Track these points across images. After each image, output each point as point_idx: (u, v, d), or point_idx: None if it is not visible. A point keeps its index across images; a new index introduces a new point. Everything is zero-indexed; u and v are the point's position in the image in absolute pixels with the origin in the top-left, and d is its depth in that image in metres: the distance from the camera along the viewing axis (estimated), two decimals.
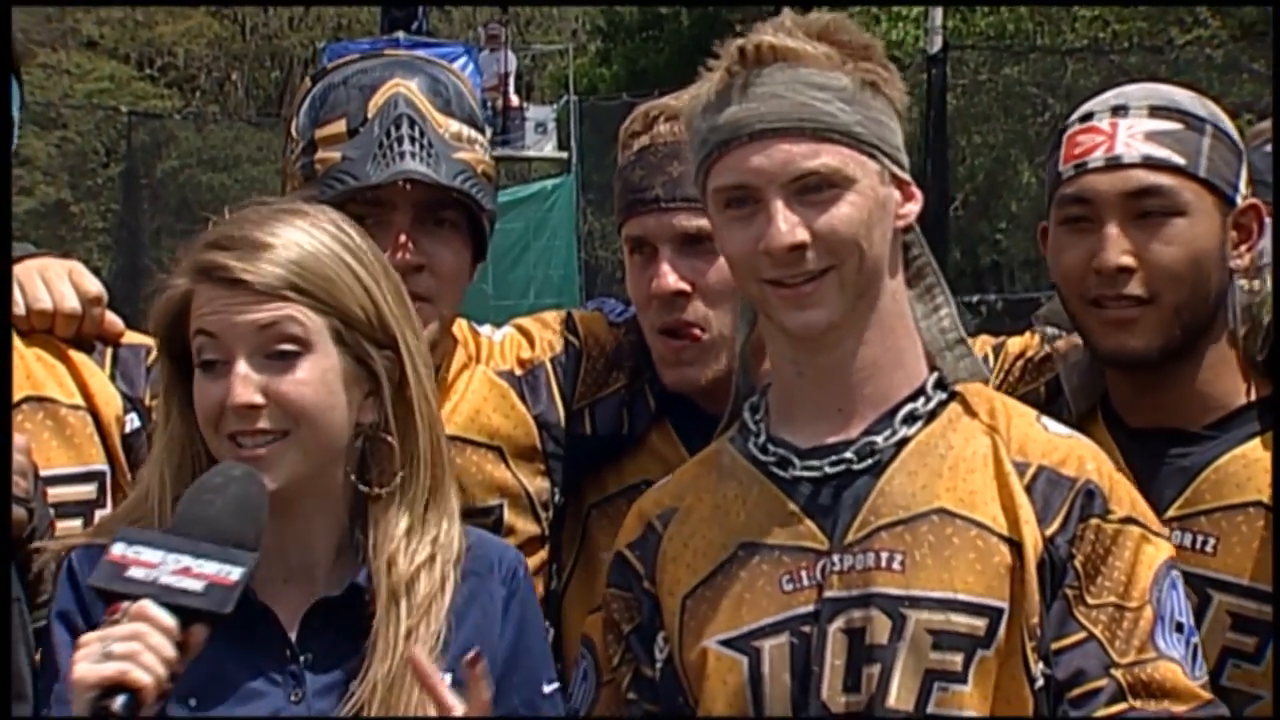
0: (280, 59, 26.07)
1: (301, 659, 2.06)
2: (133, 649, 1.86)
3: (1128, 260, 2.37)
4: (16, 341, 2.42)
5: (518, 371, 2.63)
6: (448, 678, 2.01)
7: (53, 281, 2.47)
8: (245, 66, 25.73)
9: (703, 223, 2.54)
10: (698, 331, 2.54)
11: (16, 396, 2.40)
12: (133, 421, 2.45)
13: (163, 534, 1.96)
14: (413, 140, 2.45)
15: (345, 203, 2.41)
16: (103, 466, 2.42)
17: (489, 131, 2.63)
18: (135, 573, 1.92)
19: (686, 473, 2.30)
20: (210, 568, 1.93)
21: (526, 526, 2.57)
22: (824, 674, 2.08)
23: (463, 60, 17.20)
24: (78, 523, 2.37)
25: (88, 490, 2.40)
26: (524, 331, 2.69)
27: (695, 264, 2.55)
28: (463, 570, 2.10)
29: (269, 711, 2.04)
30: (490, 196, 2.52)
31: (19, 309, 2.44)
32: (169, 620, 1.89)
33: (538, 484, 2.59)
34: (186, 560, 1.93)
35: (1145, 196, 2.37)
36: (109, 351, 2.49)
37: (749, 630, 2.12)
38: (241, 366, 2.04)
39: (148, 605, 1.89)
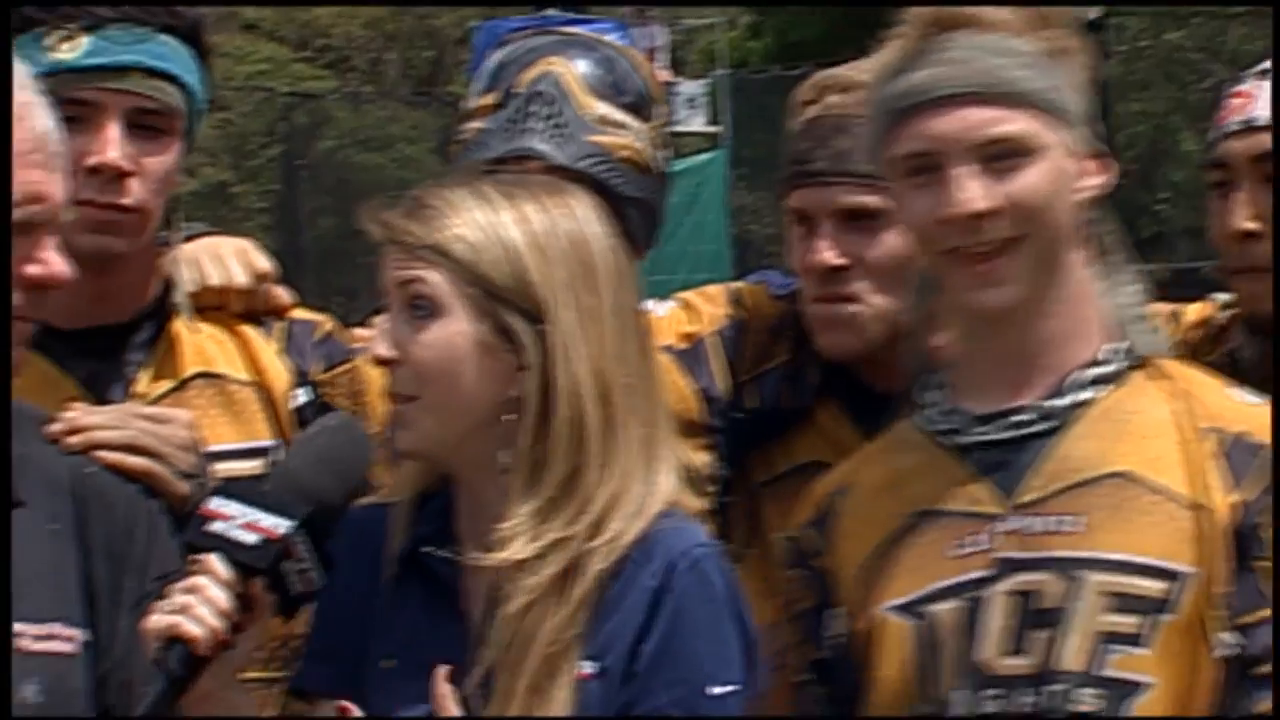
0: (434, 38, 26.29)
1: (480, 630, 2.08)
2: (187, 602, 1.92)
3: (1251, 225, 2.34)
4: (194, 320, 2.46)
5: (680, 345, 2.62)
6: (588, 666, 2.01)
7: (224, 258, 2.51)
8: (400, 46, 26.00)
9: (865, 199, 2.51)
10: (853, 304, 2.51)
11: (189, 372, 2.45)
12: (300, 396, 2.48)
13: (250, 486, 2.00)
14: (544, 119, 2.45)
15: None
16: (271, 442, 2.45)
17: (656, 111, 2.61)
18: (213, 525, 1.96)
19: (861, 452, 2.28)
20: (268, 521, 1.96)
21: (689, 502, 2.55)
22: (988, 636, 2.05)
23: (613, 36, 17.18)
24: None
25: (255, 465, 2.43)
26: (687, 305, 2.68)
27: (856, 239, 2.53)
28: (625, 559, 2.06)
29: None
30: (633, 183, 2.50)
31: (192, 286, 2.47)
32: (226, 573, 1.93)
33: (701, 458, 2.57)
34: (254, 513, 1.96)
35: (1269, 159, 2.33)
36: (279, 326, 2.53)
37: (921, 595, 2.10)
38: (385, 322, 2.08)
39: (211, 558, 1.94)
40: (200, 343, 2.46)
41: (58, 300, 2.19)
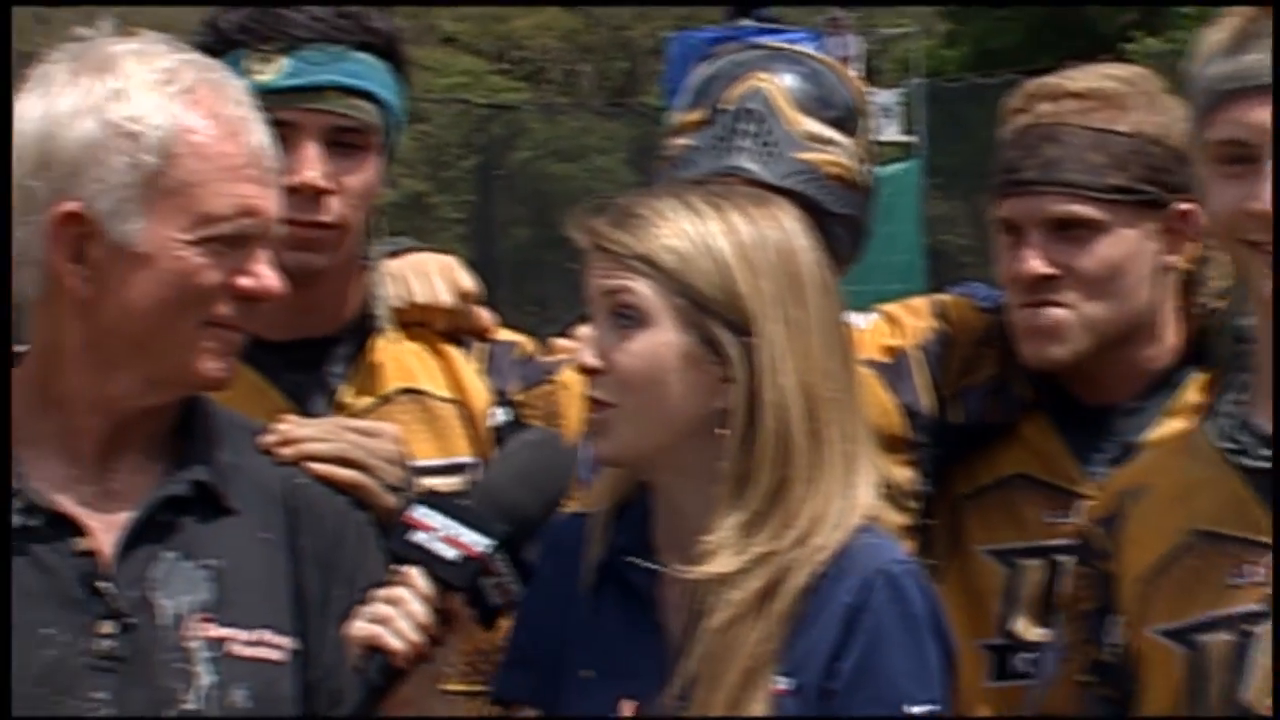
0: (628, 49, 26.46)
1: (679, 641, 2.07)
2: (388, 613, 1.94)
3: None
4: (397, 336, 2.48)
5: (882, 359, 2.59)
6: (783, 682, 1.99)
7: (430, 276, 2.53)
8: (594, 57, 26.20)
9: (1075, 208, 2.45)
10: (1059, 310, 2.47)
11: (392, 387, 2.47)
12: (498, 415, 2.50)
13: (454, 500, 2.01)
14: (753, 136, 2.44)
15: None
16: (470, 459, 2.46)
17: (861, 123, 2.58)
18: (416, 536, 1.99)
19: (1162, 449, 2.22)
20: (469, 537, 1.97)
21: (891, 517, 2.51)
22: (1250, 674, 1.99)
23: (809, 47, 17.08)
24: None
25: (454, 482, 2.44)
26: (890, 318, 2.64)
27: (1065, 249, 2.48)
28: (824, 574, 2.04)
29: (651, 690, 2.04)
30: (840, 200, 2.48)
31: (397, 302, 2.50)
32: (426, 587, 1.95)
33: (903, 473, 2.54)
34: (456, 527, 1.98)
35: None
36: (480, 347, 2.54)
37: (1193, 623, 2.04)
38: (590, 329, 2.08)
39: (412, 571, 1.96)
40: (403, 358, 2.49)
41: (265, 312, 2.24)
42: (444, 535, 1.98)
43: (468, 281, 2.55)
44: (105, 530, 1.99)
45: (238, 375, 2.29)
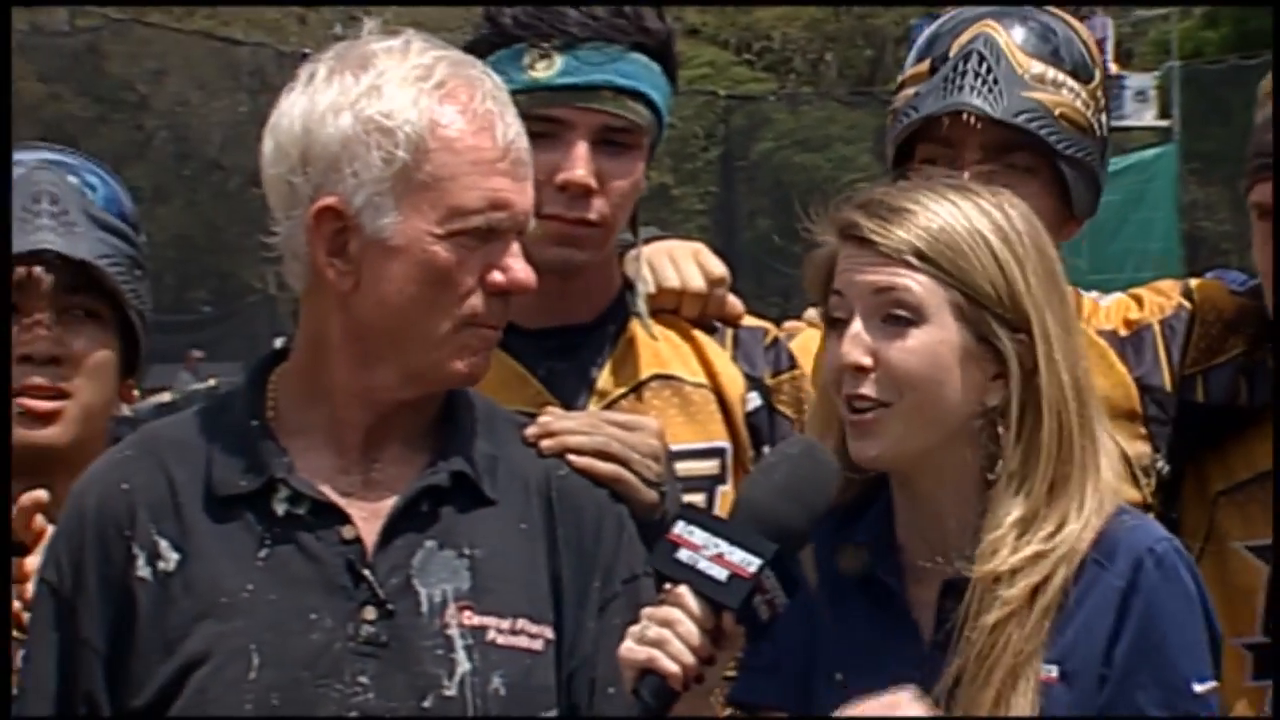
0: (873, 38, 26.25)
1: (932, 641, 2.04)
2: (662, 636, 1.92)
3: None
4: (651, 323, 2.49)
5: (1122, 332, 2.54)
6: (1052, 670, 1.96)
7: (680, 262, 2.54)
8: (838, 46, 26.05)
9: None
10: None
11: (646, 374, 2.48)
12: (754, 400, 2.49)
13: (713, 516, 1.99)
14: (976, 75, 2.40)
15: (917, 146, 2.40)
16: (725, 444, 2.47)
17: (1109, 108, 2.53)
18: (681, 555, 1.96)
19: None
20: (737, 556, 1.94)
21: (1128, 492, 2.44)
22: None
23: None
24: (700, 497, 2.42)
25: (710, 466, 2.45)
26: (1134, 296, 2.60)
27: None
28: (1084, 560, 2.00)
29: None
30: (1073, 142, 2.43)
31: (649, 288, 2.50)
32: (698, 609, 1.93)
33: (1137, 448, 2.49)
34: (723, 546, 1.95)
35: None
36: (729, 333, 2.54)
37: None
38: (856, 326, 2.03)
39: (683, 592, 1.94)
40: (657, 345, 2.49)
41: (523, 301, 2.26)
42: (711, 554, 1.96)
43: (717, 266, 2.55)
44: (368, 519, 2.03)
45: (497, 363, 2.33)
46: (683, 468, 2.38)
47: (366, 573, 2.00)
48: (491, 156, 2.01)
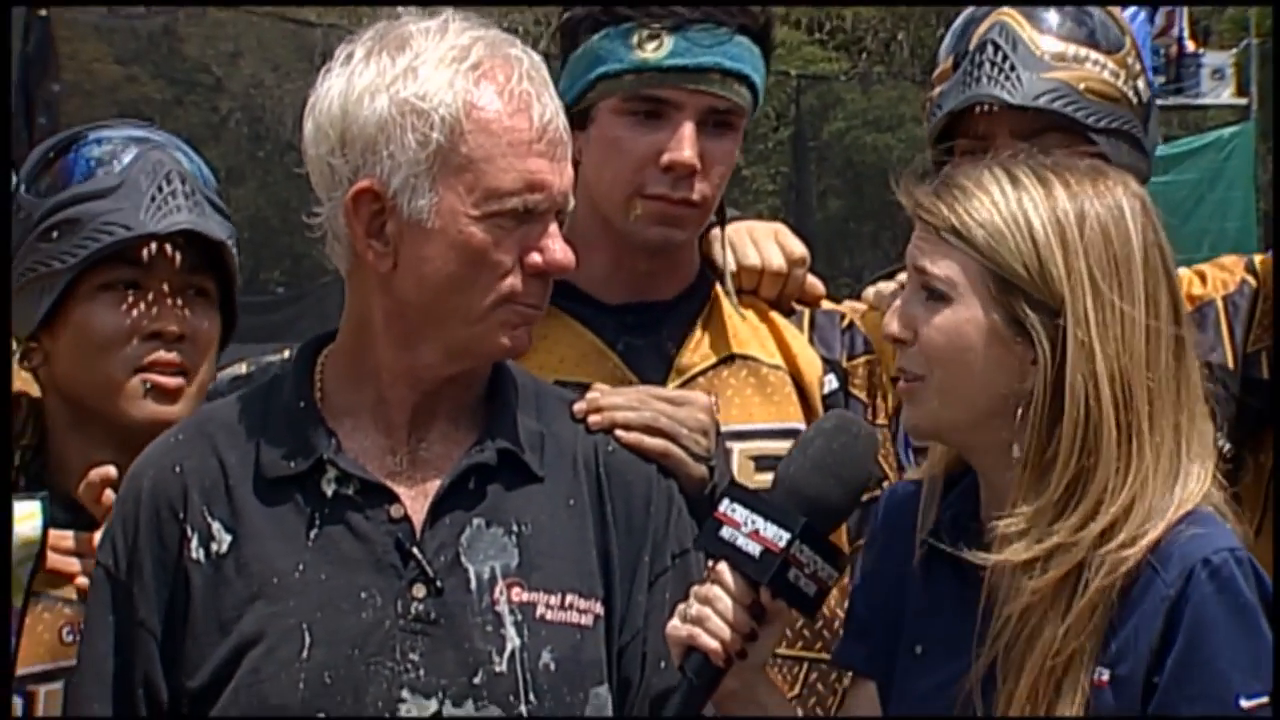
0: (945, 16, 26.10)
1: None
2: (702, 613, 1.95)
3: None
4: (726, 303, 2.50)
5: (1186, 308, 2.51)
6: (1104, 674, 1.94)
7: (760, 241, 2.55)
8: (911, 25, 25.87)
9: None
10: None
11: (725, 353, 2.49)
12: (831, 383, 2.50)
13: (755, 493, 2.00)
14: (993, 64, 2.40)
15: (955, 142, 2.41)
16: (800, 425, 2.46)
17: (1151, 79, 2.51)
18: (724, 532, 1.99)
19: None
20: (770, 531, 1.96)
21: (1215, 496, 2.42)
22: None
23: (1133, 9, 16.66)
24: (773, 477, 2.43)
25: (785, 446, 2.43)
26: (1198, 272, 2.58)
27: None
28: (1143, 564, 1.96)
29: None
30: (1103, 114, 2.41)
31: (729, 267, 2.50)
32: (735, 585, 1.95)
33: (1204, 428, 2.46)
34: (758, 522, 1.97)
35: None
36: (806, 315, 2.56)
37: None
38: (901, 298, 2.05)
39: (723, 569, 1.96)
40: (735, 325, 2.50)
41: (603, 271, 2.25)
42: (749, 531, 1.98)
43: (798, 246, 2.55)
44: (415, 498, 2.04)
45: (574, 336, 2.34)
46: (757, 447, 2.40)
47: (415, 551, 2.01)
48: (528, 138, 2.01)
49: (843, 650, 2.19)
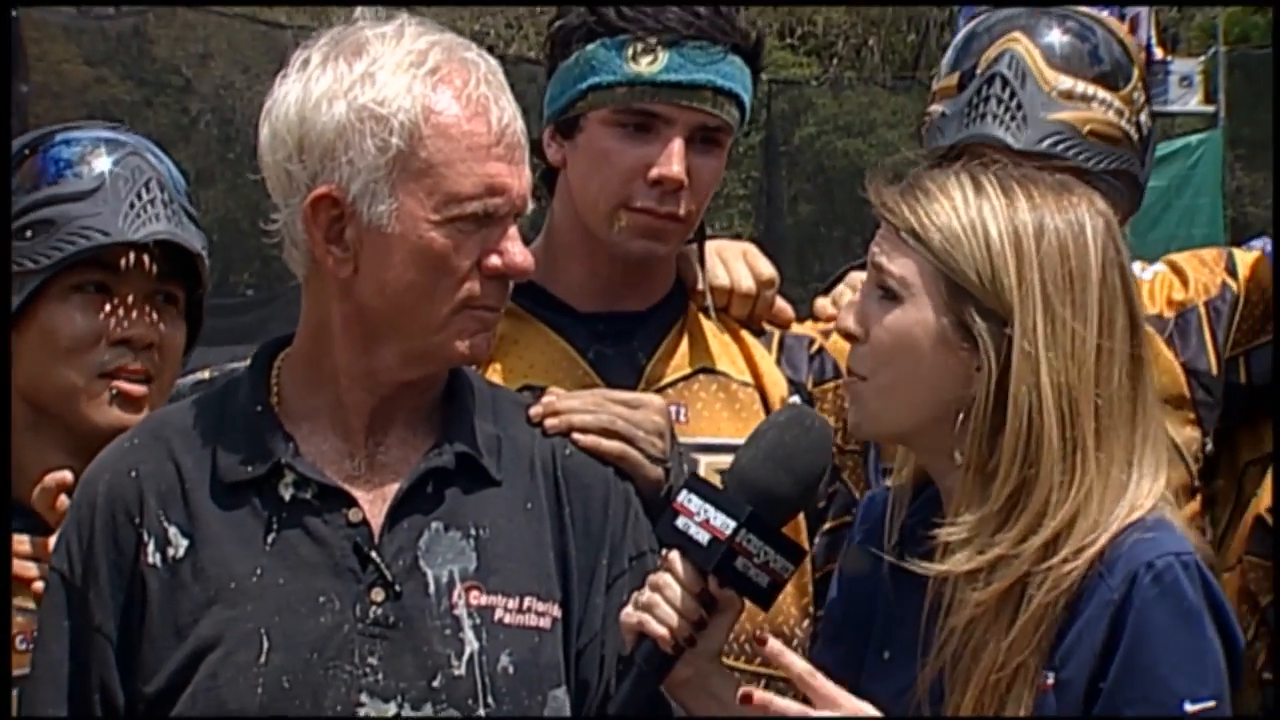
0: (916, 22, 26.14)
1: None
2: (652, 600, 1.97)
3: None
4: (700, 318, 2.51)
5: (1167, 314, 2.53)
6: (1050, 676, 1.94)
7: (729, 261, 2.56)
8: (882, 31, 25.92)
9: None
10: None
11: (694, 367, 2.50)
12: (795, 402, 2.49)
13: (711, 485, 2.02)
14: (999, 102, 2.40)
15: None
16: None
17: (1150, 100, 2.52)
18: (679, 522, 2.01)
19: None
20: (719, 520, 1.99)
21: (1175, 476, 2.43)
22: None
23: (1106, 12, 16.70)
24: None
25: None
26: (1177, 270, 2.57)
27: None
28: (1091, 573, 1.97)
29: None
30: (1104, 156, 2.43)
31: (699, 284, 2.51)
32: (684, 573, 1.98)
33: (1186, 433, 2.49)
34: (709, 511, 1.99)
35: None
36: (776, 337, 2.57)
37: None
38: (854, 297, 2.07)
39: (674, 557, 1.99)
40: (707, 340, 2.51)
41: (578, 281, 2.27)
42: (700, 520, 2.00)
43: (767, 268, 2.56)
44: (373, 501, 2.04)
45: (546, 342, 2.34)
46: (724, 460, 2.38)
47: (374, 554, 2.01)
48: (487, 141, 2.01)
49: (817, 653, 2.21)
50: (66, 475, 2.20)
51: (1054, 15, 2.50)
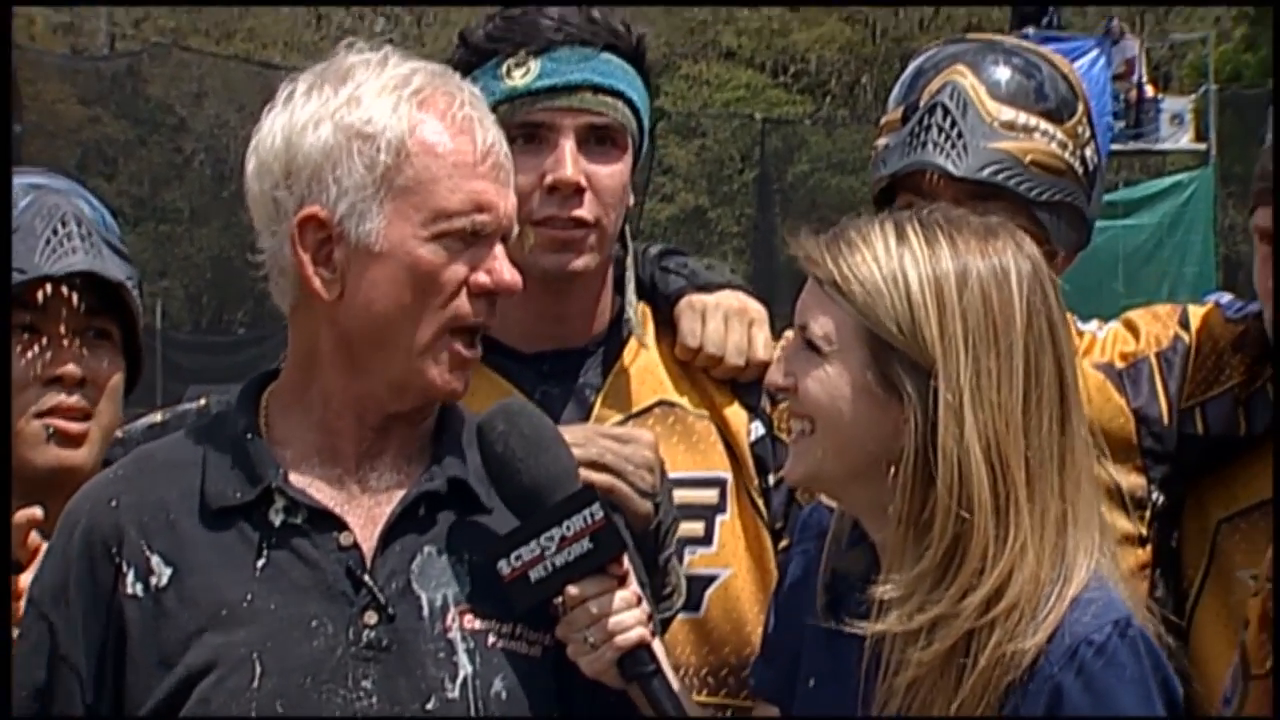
0: (908, 61, 26.28)
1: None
2: (606, 626, 1.97)
3: None
4: (653, 348, 2.48)
5: (1118, 364, 2.52)
6: None
7: (725, 327, 2.49)
8: (875, 69, 26.02)
9: None
10: None
11: (649, 400, 2.47)
12: (757, 430, 2.49)
13: (517, 529, 1.99)
14: (940, 130, 2.38)
15: (897, 193, 2.40)
16: (725, 474, 2.47)
17: (1110, 123, 2.51)
18: (533, 575, 1.97)
19: None
20: (577, 523, 1.96)
21: (1119, 523, 2.43)
22: None
23: (1093, 55, 16.77)
24: (699, 525, 2.43)
25: (709, 495, 2.46)
26: (1130, 325, 2.57)
27: None
28: (1040, 654, 1.93)
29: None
30: (1046, 187, 2.40)
31: (690, 339, 2.47)
32: (598, 585, 1.97)
33: (1131, 480, 2.47)
34: (555, 531, 1.96)
35: None
36: None
37: None
38: (781, 351, 2.07)
39: (576, 591, 1.97)
40: (656, 370, 2.49)
41: (518, 322, 2.24)
42: (555, 548, 1.97)
43: (762, 350, 2.48)
44: (364, 525, 2.04)
45: (491, 385, 2.33)
46: (682, 496, 2.37)
47: (366, 578, 2.01)
48: (472, 160, 2.02)
49: (753, 671, 2.22)
50: (37, 512, 2.19)
51: (1000, 50, 2.48)
